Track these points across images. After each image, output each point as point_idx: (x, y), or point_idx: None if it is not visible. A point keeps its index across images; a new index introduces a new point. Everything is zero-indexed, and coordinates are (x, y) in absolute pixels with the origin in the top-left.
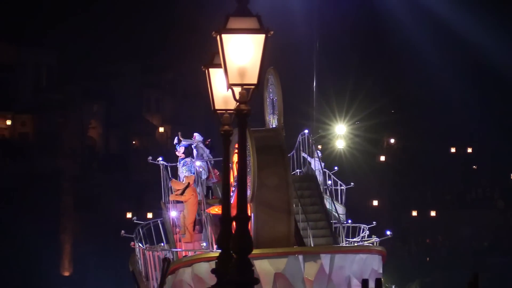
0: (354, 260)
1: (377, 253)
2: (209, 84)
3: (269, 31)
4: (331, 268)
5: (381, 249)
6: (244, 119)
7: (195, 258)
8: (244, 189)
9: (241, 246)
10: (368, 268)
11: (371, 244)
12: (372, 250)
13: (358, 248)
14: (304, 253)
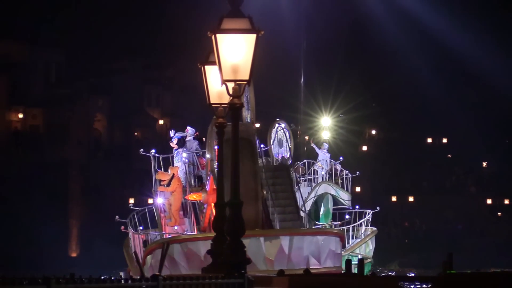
0: (312, 242)
1: (334, 235)
2: (205, 80)
3: (260, 31)
4: (290, 248)
5: (337, 232)
6: (237, 112)
7: (167, 240)
8: (237, 176)
9: (234, 229)
10: (326, 249)
11: (328, 228)
12: (329, 232)
13: (315, 231)
14: (265, 235)
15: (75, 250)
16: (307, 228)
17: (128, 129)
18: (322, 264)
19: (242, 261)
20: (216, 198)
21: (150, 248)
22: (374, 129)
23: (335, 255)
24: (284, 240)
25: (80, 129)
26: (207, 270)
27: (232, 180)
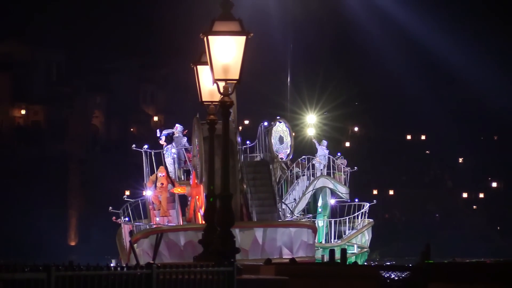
0: (284, 233)
1: (306, 227)
2: (197, 79)
3: (249, 33)
4: (264, 239)
5: (310, 224)
6: (227, 109)
7: (150, 230)
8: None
9: (224, 220)
10: (298, 240)
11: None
12: (301, 225)
13: (287, 223)
14: (240, 227)
15: (73, 239)
16: (280, 221)
17: (124, 125)
18: (294, 254)
19: (231, 250)
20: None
21: (135, 237)
22: (357, 126)
23: (308, 246)
24: (258, 231)
25: (79, 125)
26: (198, 258)
27: (222, 174)
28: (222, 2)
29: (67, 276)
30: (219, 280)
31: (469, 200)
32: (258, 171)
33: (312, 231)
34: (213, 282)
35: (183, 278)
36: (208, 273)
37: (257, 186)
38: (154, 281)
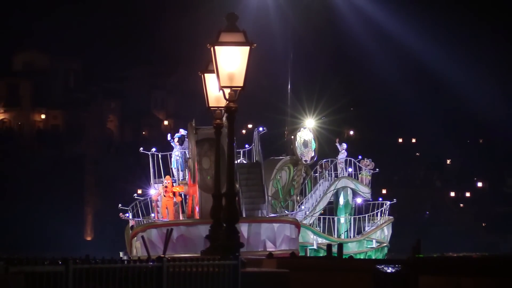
0: (268, 228)
1: (288, 223)
2: (205, 86)
3: (252, 44)
4: (249, 234)
5: (292, 220)
6: (233, 114)
7: (146, 225)
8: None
9: (230, 217)
10: (281, 234)
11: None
12: (283, 220)
13: (271, 219)
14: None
15: (89, 234)
16: (264, 217)
17: (137, 128)
18: (277, 247)
19: (236, 245)
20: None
21: (135, 231)
22: (352, 130)
23: (290, 240)
24: (244, 226)
25: (95, 129)
26: (205, 252)
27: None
28: (228, 15)
29: (83, 269)
30: (224, 272)
31: (457, 198)
32: (251, 172)
33: (295, 227)
34: (219, 274)
35: (191, 271)
36: (215, 266)
37: (249, 185)
38: (165, 273)
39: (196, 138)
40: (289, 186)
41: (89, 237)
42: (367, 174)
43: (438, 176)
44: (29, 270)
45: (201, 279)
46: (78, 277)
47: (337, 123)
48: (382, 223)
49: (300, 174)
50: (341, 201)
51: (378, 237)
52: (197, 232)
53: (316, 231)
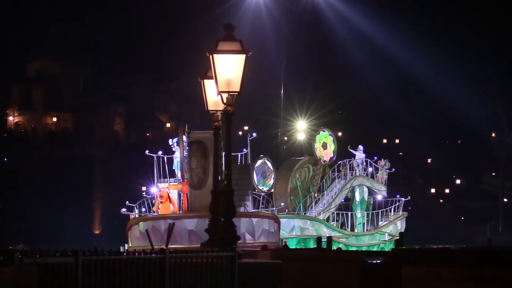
0: (247, 222)
1: (267, 218)
2: (204, 91)
3: (248, 52)
4: None
5: (271, 215)
6: (230, 117)
7: (138, 219)
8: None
9: (227, 212)
10: (260, 228)
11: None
12: (262, 215)
13: (250, 214)
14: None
15: (97, 228)
16: (243, 212)
17: (142, 130)
18: (256, 240)
19: (233, 237)
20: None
21: (130, 224)
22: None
23: (269, 233)
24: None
25: (103, 131)
26: (204, 245)
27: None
28: (225, 25)
29: (92, 260)
30: (222, 263)
31: (437, 194)
32: (241, 173)
33: (274, 221)
34: (217, 265)
35: (192, 262)
36: (213, 258)
37: (239, 185)
38: (167, 264)
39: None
40: (308, 184)
41: (97, 231)
42: (384, 173)
43: (420, 174)
44: (42, 262)
45: (201, 269)
46: (87, 268)
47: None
48: (395, 218)
49: (319, 173)
50: (357, 198)
51: (391, 231)
52: (183, 225)
53: (330, 225)
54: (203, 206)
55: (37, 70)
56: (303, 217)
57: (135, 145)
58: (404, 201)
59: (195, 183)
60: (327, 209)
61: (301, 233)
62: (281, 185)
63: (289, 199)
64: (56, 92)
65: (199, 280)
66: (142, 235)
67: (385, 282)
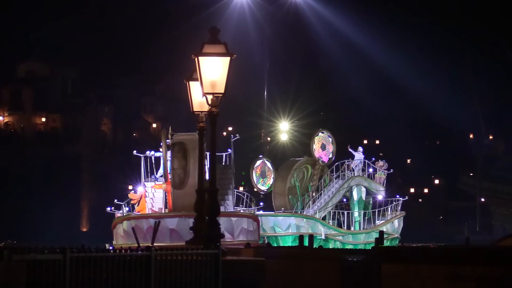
0: (226, 221)
1: (246, 217)
2: (189, 92)
3: (233, 55)
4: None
5: (250, 215)
6: (215, 118)
7: (122, 218)
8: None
9: (211, 210)
10: (238, 227)
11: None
12: (241, 215)
13: (229, 213)
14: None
15: (85, 226)
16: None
17: (128, 130)
18: (235, 238)
19: (217, 235)
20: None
21: (114, 222)
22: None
23: (248, 232)
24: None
25: (90, 131)
26: (189, 242)
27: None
28: (210, 28)
29: (79, 257)
30: (207, 260)
31: (416, 194)
32: (223, 173)
33: (253, 220)
34: (202, 262)
35: (177, 259)
36: (198, 255)
37: (221, 185)
38: (153, 261)
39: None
40: (307, 184)
41: (84, 228)
42: (382, 174)
43: (400, 174)
44: (31, 258)
45: (185, 266)
46: (75, 265)
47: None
48: (392, 217)
49: (318, 173)
50: (355, 197)
51: (388, 229)
52: (164, 224)
53: (326, 223)
54: (186, 205)
55: (27, 71)
56: (298, 216)
57: (122, 145)
58: (402, 201)
59: (176, 183)
60: (324, 208)
61: (296, 231)
62: (279, 184)
63: (287, 198)
64: (45, 93)
65: (184, 277)
66: (126, 233)
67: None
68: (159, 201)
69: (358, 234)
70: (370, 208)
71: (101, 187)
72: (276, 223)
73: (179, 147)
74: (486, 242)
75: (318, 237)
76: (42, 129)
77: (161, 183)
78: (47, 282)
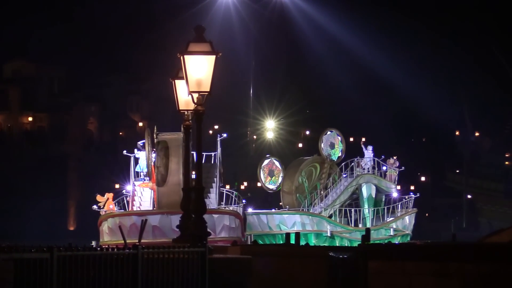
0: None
1: (227, 214)
2: (175, 91)
3: (218, 53)
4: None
5: (232, 212)
6: (201, 116)
7: (107, 215)
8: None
9: (198, 208)
10: (220, 224)
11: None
12: (222, 212)
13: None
14: (171, 213)
15: (72, 225)
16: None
17: (115, 129)
18: (217, 234)
19: (204, 233)
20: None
21: (100, 220)
22: (308, 130)
23: (230, 229)
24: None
25: (77, 129)
26: (176, 240)
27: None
28: (196, 27)
29: (67, 256)
30: (193, 258)
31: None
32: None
33: (236, 217)
34: (188, 260)
35: (164, 257)
36: (185, 253)
37: (206, 183)
38: (140, 259)
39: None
40: (316, 182)
41: (71, 227)
42: (393, 171)
43: None
44: (18, 257)
45: (172, 264)
46: (62, 263)
47: (294, 124)
48: (402, 214)
49: (326, 171)
50: (365, 195)
51: (398, 226)
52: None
53: (332, 221)
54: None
55: (13, 71)
56: (303, 213)
57: (108, 143)
58: (414, 198)
59: (158, 180)
60: (331, 206)
61: (302, 229)
62: (287, 183)
63: (295, 196)
64: (32, 92)
65: (170, 275)
66: (111, 230)
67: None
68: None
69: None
70: (382, 206)
71: (87, 186)
72: (281, 221)
73: (162, 146)
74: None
75: (324, 234)
76: (29, 129)
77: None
78: (35, 281)
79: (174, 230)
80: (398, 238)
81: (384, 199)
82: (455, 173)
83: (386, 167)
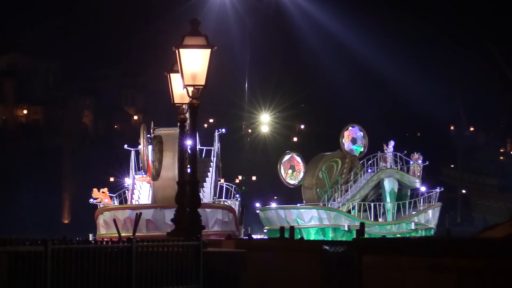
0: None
1: (220, 208)
2: (170, 84)
3: (213, 47)
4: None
5: (225, 206)
6: (195, 110)
7: (103, 209)
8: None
9: (193, 202)
10: (213, 218)
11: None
12: (215, 206)
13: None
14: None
15: (67, 218)
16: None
17: (110, 123)
18: (210, 228)
19: (198, 227)
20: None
21: (97, 213)
22: (303, 124)
23: (223, 223)
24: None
25: (72, 123)
26: (171, 234)
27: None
28: (191, 20)
29: (61, 249)
30: (188, 252)
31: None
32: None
33: (229, 212)
34: (183, 254)
35: (158, 251)
36: (179, 247)
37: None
38: (134, 253)
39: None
40: (337, 177)
41: (66, 220)
42: (417, 166)
43: None
44: (12, 250)
45: (166, 258)
46: (56, 256)
47: (289, 118)
48: (425, 208)
49: (347, 166)
50: (387, 189)
51: (421, 220)
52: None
53: (350, 215)
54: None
55: (8, 63)
56: (320, 208)
57: (103, 137)
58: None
59: (153, 175)
60: (351, 200)
61: (319, 223)
62: (308, 178)
63: (315, 191)
64: (27, 85)
65: (165, 269)
66: (106, 224)
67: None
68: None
69: (385, 225)
70: (407, 200)
71: (82, 179)
72: (299, 215)
73: (157, 140)
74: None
75: (342, 229)
76: (24, 122)
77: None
78: (29, 274)
79: (168, 224)
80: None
81: (410, 194)
82: (449, 168)
83: (411, 162)
